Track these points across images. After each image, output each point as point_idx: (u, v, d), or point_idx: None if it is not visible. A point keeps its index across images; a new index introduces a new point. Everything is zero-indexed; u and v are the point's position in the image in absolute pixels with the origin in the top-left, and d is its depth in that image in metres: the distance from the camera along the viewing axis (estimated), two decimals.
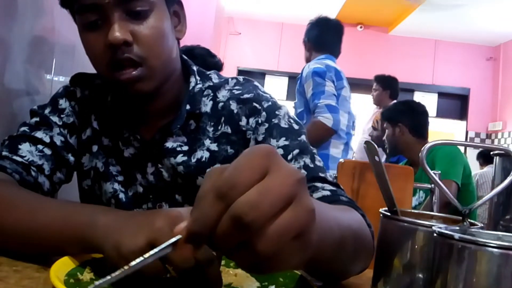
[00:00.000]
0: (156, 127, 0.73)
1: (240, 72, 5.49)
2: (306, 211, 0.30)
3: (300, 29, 5.76)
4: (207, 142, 0.73)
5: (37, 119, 0.74)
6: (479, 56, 5.65)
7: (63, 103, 0.76)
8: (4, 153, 0.69)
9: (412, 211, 0.55)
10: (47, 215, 0.54)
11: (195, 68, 0.77)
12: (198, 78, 0.76)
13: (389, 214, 0.51)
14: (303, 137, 0.72)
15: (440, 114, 5.70)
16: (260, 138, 0.71)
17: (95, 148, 0.76)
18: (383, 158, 2.70)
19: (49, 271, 0.43)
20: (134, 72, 0.65)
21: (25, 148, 0.70)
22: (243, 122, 0.73)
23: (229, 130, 0.73)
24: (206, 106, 0.74)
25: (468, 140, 5.43)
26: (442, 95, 5.72)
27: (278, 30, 5.65)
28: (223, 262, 0.54)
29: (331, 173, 0.70)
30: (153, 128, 0.73)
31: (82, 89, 0.77)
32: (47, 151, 0.71)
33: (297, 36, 5.65)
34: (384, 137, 2.23)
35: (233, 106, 0.74)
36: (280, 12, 5.32)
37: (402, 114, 2.21)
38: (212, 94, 0.75)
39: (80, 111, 0.77)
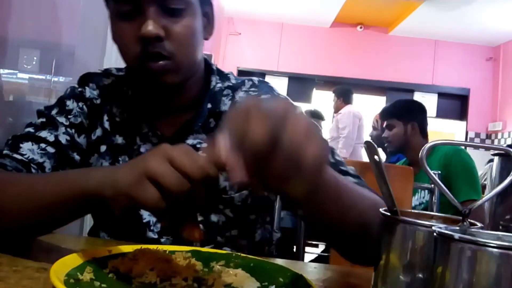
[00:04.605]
0: (175, 123, 0.74)
1: (240, 72, 5.50)
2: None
3: (300, 29, 5.80)
4: None
5: (44, 119, 0.74)
6: (479, 56, 5.66)
7: (70, 104, 0.76)
8: (5, 151, 0.69)
9: (412, 211, 0.55)
10: (44, 183, 0.56)
11: (214, 67, 0.79)
12: (217, 77, 0.78)
13: (389, 214, 0.51)
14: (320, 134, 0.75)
15: (440, 114, 5.71)
16: None
17: (103, 148, 0.76)
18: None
19: (49, 271, 0.43)
20: (161, 62, 0.66)
21: (26, 146, 0.70)
22: None
23: None
24: (225, 105, 0.76)
25: (468, 141, 5.43)
26: (442, 95, 5.73)
27: (278, 30, 5.65)
28: (223, 262, 0.54)
29: (352, 167, 0.73)
30: (172, 124, 0.74)
31: (92, 89, 0.78)
32: (50, 149, 0.71)
33: (297, 36, 5.69)
34: (388, 135, 2.16)
35: None
36: (280, 12, 5.32)
37: (414, 113, 2.16)
38: (231, 94, 0.77)
39: (90, 112, 0.76)
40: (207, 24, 0.75)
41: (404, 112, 2.16)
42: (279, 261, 0.61)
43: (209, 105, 0.74)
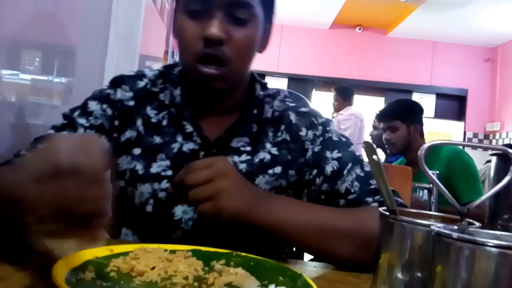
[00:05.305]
0: (219, 125, 0.76)
1: None
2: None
3: (300, 30, 5.81)
4: (268, 145, 0.78)
5: (65, 121, 0.75)
6: (477, 57, 5.66)
7: (93, 106, 0.76)
8: (22, 152, 0.71)
9: (411, 210, 0.55)
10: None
11: (256, 76, 0.83)
12: (259, 86, 0.82)
13: (388, 213, 0.51)
14: (352, 148, 0.79)
15: (438, 115, 5.71)
16: (316, 149, 0.78)
17: (137, 151, 0.76)
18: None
19: (51, 270, 0.43)
20: (215, 71, 0.69)
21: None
22: (303, 132, 0.79)
23: (289, 138, 0.79)
24: (267, 112, 0.80)
25: (466, 141, 5.43)
26: (440, 96, 5.73)
27: (278, 32, 5.65)
28: (223, 262, 0.54)
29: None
30: (216, 126, 0.76)
31: (124, 90, 0.78)
32: None
33: (297, 38, 5.69)
34: (390, 137, 2.13)
35: (292, 117, 0.80)
36: (280, 14, 5.31)
37: (416, 115, 2.13)
38: (271, 102, 0.81)
39: (119, 113, 0.77)
40: (263, 39, 0.78)
41: (407, 113, 2.14)
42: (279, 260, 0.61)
43: (255, 111, 0.78)
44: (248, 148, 0.77)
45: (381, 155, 2.62)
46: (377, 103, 5.34)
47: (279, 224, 0.66)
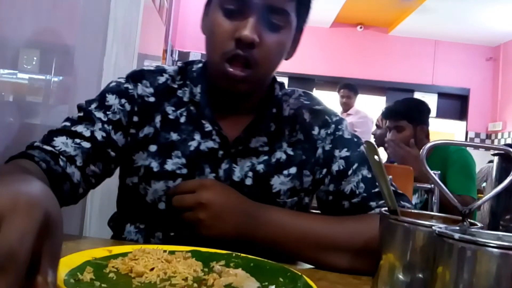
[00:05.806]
0: (237, 124, 0.76)
1: None
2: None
3: None
4: (284, 145, 0.78)
5: (81, 114, 0.73)
6: (479, 56, 5.65)
7: (112, 100, 0.75)
8: (36, 143, 0.68)
9: (412, 211, 0.55)
10: None
11: (275, 77, 0.83)
12: (278, 86, 0.82)
13: (389, 214, 0.51)
14: (362, 148, 0.78)
15: (440, 114, 5.70)
16: (327, 147, 0.79)
17: (153, 148, 0.75)
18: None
19: None
20: (242, 73, 0.69)
21: (60, 140, 0.69)
22: (315, 131, 0.80)
23: (302, 138, 0.79)
24: (285, 111, 0.80)
25: (468, 141, 5.43)
26: (442, 95, 5.72)
27: None
28: (223, 263, 0.54)
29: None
30: (234, 125, 0.76)
31: (145, 86, 0.77)
32: (85, 144, 0.70)
33: None
34: (395, 138, 2.09)
35: (306, 115, 0.81)
36: None
37: (423, 115, 2.10)
38: (288, 100, 0.82)
39: (139, 109, 0.76)
40: (292, 47, 0.78)
41: (415, 114, 2.10)
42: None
43: (274, 110, 0.79)
44: (266, 148, 0.77)
45: (383, 155, 2.61)
46: (379, 103, 5.33)
47: (271, 240, 0.67)
